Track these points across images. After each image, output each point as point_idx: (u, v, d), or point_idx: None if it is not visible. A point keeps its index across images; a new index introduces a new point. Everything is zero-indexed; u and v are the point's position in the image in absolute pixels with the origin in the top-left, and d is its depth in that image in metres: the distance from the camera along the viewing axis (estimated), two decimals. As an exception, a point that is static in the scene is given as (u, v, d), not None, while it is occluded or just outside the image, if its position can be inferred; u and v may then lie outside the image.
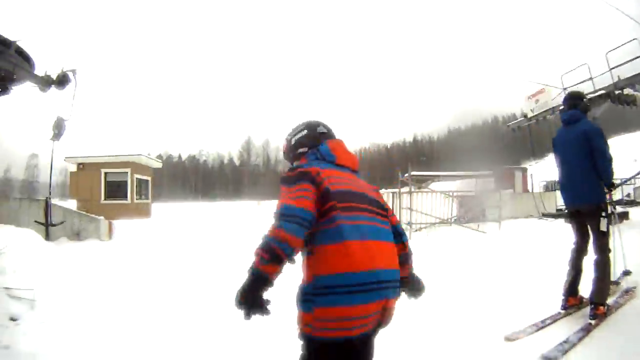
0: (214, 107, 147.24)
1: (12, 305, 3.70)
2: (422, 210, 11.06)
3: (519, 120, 12.78)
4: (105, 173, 17.11)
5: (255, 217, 16.20)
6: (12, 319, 3.57)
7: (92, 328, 3.59)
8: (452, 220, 11.53)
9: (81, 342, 3.32)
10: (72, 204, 15.46)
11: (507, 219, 11.22)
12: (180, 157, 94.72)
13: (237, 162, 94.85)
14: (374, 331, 1.65)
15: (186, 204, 42.84)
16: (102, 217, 9.66)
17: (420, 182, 11.84)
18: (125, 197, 17.33)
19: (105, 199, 16.82)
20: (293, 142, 2.00)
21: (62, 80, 6.36)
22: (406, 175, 11.25)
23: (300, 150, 1.95)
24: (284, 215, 1.53)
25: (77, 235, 8.86)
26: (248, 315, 1.45)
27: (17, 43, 5.28)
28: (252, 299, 1.44)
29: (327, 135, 2.00)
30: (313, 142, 1.94)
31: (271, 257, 1.46)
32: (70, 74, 6.44)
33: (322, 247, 1.56)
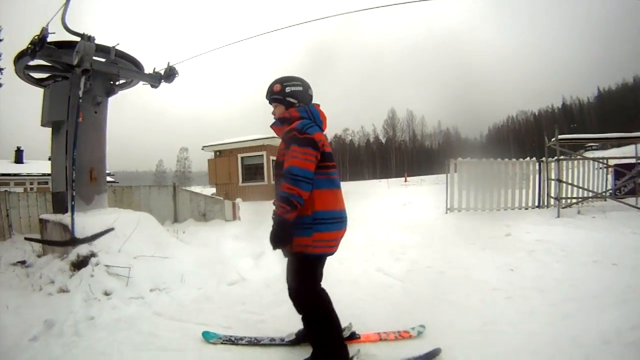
0: (356, 82, 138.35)
1: (108, 281, 4.00)
2: (574, 182, 9.20)
3: None
4: (242, 157, 18.09)
5: (400, 194, 15.70)
6: (106, 294, 3.84)
7: (177, 306, 3.64)
8: (608, 193, 9.27)
9: (160, 319, 3.37)
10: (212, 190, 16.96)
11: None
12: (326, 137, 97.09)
13: (382, 139, 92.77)
14: None
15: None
16: (225, 199, 10.06)
17: (572, 149, 9.74)
18: (263, 179, 17.90)
19: (243, 182, 17.96)
20: (287, 90, 2.47)
21: (169, 74, 6.86)
22: (553, 139, 9.39)
23: (290, 99, 2.46)
24: (297, 176, 2.14)
25: (203, 217, 9.58)
26: (278, 248, 2.22)
27: (116, 47, 5.80)
28: (281, 237, 2.17)
29: (311, 98, 2.54)
30: (303, 99, 2.48)
31: (291, 207, 2.13)
32: (175, 67, 6.90)
33: (319, 191, 2.25)
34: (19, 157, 26.01)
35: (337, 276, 4.21)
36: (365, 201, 12.75)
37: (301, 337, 2.68)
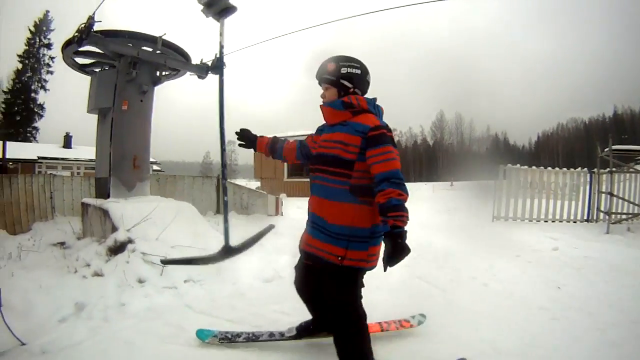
0: (405, 80, 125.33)
1: (143, 269, 3.98)
2: (625, 197, 8.61)
3: None
4: (289, 152, 18.04)
5: (446, 198, 15.28)
6: (140, 281, 3.83)
7: (210, 301, 3.58)
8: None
9: (190, 312, 3.33)
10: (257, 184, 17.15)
11: None
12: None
13: (430, 141, 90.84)
14: None
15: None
16: (269, 194, 10.13)
17: (623, 161, 9.12)
18: (308, 175, 17.82)
19: (288, 178, 18.04)
20: (342, 70, 2.11)
21: (217, 66, 6.87)
22: (606, 150, 8.80)
23: (345, 82, 2.12)
24: (403, 180, 1.93)
25: (245, 209, 9.60)
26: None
27: (163, 37, 5.83)
28: (407, 249, 1.84)
29: (368, 85, 2.22)
30: (359, 85, 2.15)
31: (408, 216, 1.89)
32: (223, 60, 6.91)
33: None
34: (67, 142, 27.39)
35: (375, 282, 4.01)
36: (409, 204, 12.32)
37: (302, 331, 2.58)
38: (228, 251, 2.84)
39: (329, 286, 2.12)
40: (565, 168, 9.66)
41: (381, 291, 3.66)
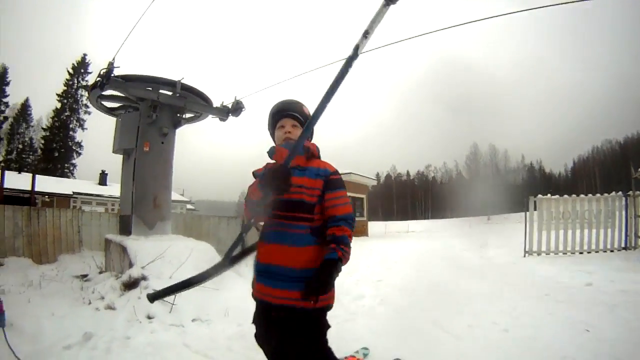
0: (438, 115, 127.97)
1: (153, 306, 3.98)
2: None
3: None
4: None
5: (480, 234, 14.84)
6: (149, 317, 3.94)
7: (209, 341, 3.55)
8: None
9: (187, 351, 3.31)
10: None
11: None
12: (408, 174, 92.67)
13: (465, 175, 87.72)
14: None
15: (412, 222, 42.87)
16: None
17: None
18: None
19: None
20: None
21: (236, 108, 7.14)
22: (640, 170, 8.36)
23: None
24: (354, 221, 2.06)
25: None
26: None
27: (182, 81, 6.12)
28: (332, 284, 1.90)
29: None
30: (312, 135, 2.25)
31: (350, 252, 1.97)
32: (242, 101, 7.16)
33: None
34: (103, 180, 28.69)
35: (384, 327, 3.91)
36: (442, 241, 12.15)
37: None
38: (228, 260, 2.31)
39: (301, 335, 1.96)
40: (599, 194, 9.16)
41: (389, 336, 3.52)
